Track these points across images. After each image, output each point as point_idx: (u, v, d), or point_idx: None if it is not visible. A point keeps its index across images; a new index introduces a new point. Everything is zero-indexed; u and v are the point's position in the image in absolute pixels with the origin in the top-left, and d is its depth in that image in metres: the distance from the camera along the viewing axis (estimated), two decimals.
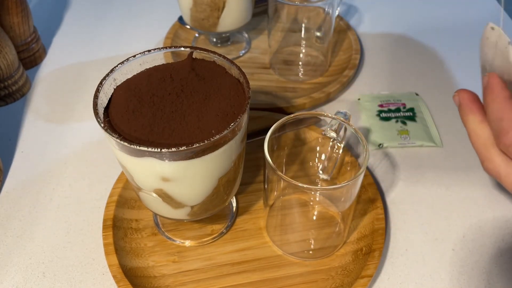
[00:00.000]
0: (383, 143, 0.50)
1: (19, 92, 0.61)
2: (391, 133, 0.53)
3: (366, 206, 0.47)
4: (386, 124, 0.53)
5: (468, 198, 0.50)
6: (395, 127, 0.52)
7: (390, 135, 0.53)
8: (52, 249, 0.46)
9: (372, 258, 0.43)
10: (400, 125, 0.51)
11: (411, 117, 0.54)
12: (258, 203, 0.49)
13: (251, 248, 0.45)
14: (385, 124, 0.53)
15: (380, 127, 0.55)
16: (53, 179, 0.52)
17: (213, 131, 0.34)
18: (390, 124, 0.52)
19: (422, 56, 0.67)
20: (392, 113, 0.53)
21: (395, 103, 0.56)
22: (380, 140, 0.52)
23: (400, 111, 0.53)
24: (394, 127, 0.52)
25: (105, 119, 0.35)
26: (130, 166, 0.37)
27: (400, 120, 0.51)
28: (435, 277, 0.43)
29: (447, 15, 0.74)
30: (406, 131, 0.48)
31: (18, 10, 0.61)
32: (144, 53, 0.39)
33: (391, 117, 0.53)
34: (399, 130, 0.49)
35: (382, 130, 0.54)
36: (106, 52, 0.69)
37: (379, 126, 0.55)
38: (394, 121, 0.52)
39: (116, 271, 0.42)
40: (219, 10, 0.59)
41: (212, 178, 0.37)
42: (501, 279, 0.43)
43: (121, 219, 0.47)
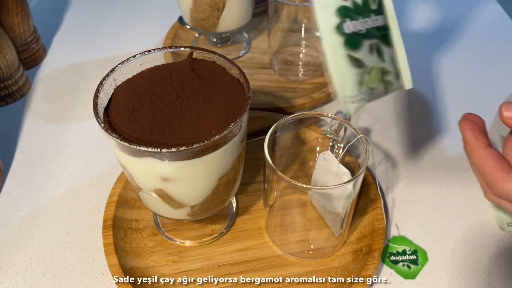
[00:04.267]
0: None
1: (19, 92, 0.61)
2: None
3: (366, 206, 0.47)
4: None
5: (468, 198, 0.50)
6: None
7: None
8: (52, 249, 0.46)
9: (372, 258, 0.43)
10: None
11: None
12: (258, 203, 0.49)
13: (251, 248, 0.45)
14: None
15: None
16: (53, 179, 0.52)
17: (213, 131, 0.34)
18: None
19: (422, 56, 0.67)
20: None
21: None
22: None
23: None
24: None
25: (105, 119, 0.35)
26: (130, 166, 0.37)
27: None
28: (435, 277, 0.43)
29: (447, 15, 0.74)
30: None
31: (18, 10, 0.61)
32: (144, 53, 0.39)
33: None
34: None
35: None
36: (106, 52, 0.69)
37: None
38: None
39: (116, 271, 0.42)
40: (219, 10, 0.59)
41: (212, 178, 0.37)
42: (501, 279, 0.43)
43: (121, 219, 0.47)
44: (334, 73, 0.29)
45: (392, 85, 0.30)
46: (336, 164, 0.42)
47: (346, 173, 0.41)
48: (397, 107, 0.60)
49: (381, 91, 0.30)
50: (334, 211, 0.42)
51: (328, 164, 0.43)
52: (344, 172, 0.41)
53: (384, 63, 0.30)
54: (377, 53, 0.30)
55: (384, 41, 0.30)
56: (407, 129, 0.57)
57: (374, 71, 0.30)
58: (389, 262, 0.44)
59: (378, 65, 0.30)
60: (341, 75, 0.29)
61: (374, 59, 0.30)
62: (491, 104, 0.61)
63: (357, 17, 0.29)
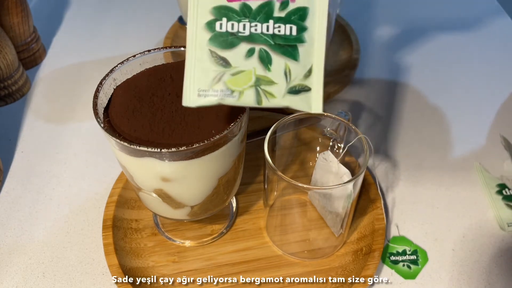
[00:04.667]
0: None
1: (19, 92, 0.61)
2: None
3: (366, 206, 0.47)
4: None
5: (468, 198, 0.50)
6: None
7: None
8: (52, 249, 0.46)
9: (372, 258, 0.43)
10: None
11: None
12: (258, 203, 0.49)
13: (251, 248, 0.45)
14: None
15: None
16: (53, 179, 0.52)
17: (213, 131, 0.33)
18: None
19: (422, 56, 0.67)
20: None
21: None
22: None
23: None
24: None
25: (105, 119, 0.35)
26: (130, 166, 0.36)
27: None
28: (435, 277, 0.43)
29: (447, 15, 0.74)
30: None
31: (18, 10, 0.61)
32: (144, 53, 0.39)
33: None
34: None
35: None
36: (106, 52, 0.69)
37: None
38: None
39: (116, 271, 0.42)
40: None
41: (212, 178, 0.37)
42: (501, 279, 0.43)
43: (121, 219, 0.46)
44: (189, 63, 0.29)
45: (273, 98, 0.29)
46: (336, 164, 0.42)
47: (346, 173, 0.41)
48: (397, 107, 0.60)
49: (248, 98, 0.29)
50: (334, 211, 0.42)
51: (328, 164, 0.43)
52: (344, 172, 0.41)
53: (268, 72, 0.29)
54: (260, 59, 0.28)
55: (280, 51, 0.28)
56: (407, 129, 0.57)
57: (244, 74, 0.29)
58: (389, 262, 0.44)
59: (254, 71, 0.29)
60: (196, 67, 0.29)
61: (249, 64, 0.29)
62: (491, 104, 0.61)
63: (239, 19, 0.28)
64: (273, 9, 0.29)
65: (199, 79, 0.29)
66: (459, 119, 0.58)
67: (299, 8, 0.29)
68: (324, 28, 0.29)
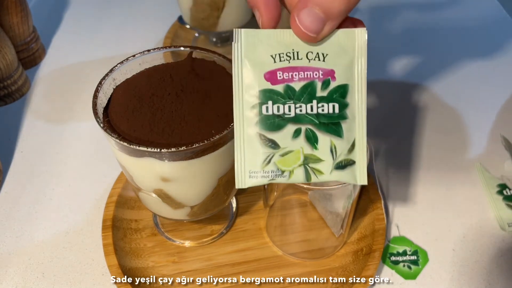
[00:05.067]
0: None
1: (18, 92, 0.61)
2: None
3: (367, 206, 0.47)
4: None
5: (468, 198, 0.50)
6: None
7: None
8: (52, 250, 0.46)
9: (373, 259, 0.42)
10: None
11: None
12: (258, 203, 0.49)
13: (251, 249, 0.45)
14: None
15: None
16: (52, 179, 0.52)
17: (213, 131, 0.33)
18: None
19: (422, 55, 0.67)
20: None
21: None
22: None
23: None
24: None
25: (104, 119, 0.35)
26: (129, 166, 0.36)
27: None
28: (435, 277, 0.43)
29: (447, 15, 0.74)
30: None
31: (17, 10, 0.61)
32: (143, 53, 0.39)
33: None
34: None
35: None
36: (105, 52, 0.69)
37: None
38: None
39: (116, 272, 0.42)
40: (219, 9, 0.59)
41: (212, 178, 0.37)
42: (501, 279, 0.43)
43: (121, 219, 0.46)
44: (238, 146, 0.29)
45: (322, 174, 0.30)
46: None
47: None
48: (397, 107, 0.60)
49: (298, 177, 0.29)
50: (334, 212, 0.42)
51: None
52: None
53: (315, 151, 0.29)
54: (306, 139, 0.29)
55: (325, 129, 0.29)
56: (408, 129, 0.57)
57: (293, 154, 0.29)
58: (390, 262, 0.44)
59: (302, 150, 0.29)
60: (246, 150, 0.29)
61: (297, 144, 0.29)
62: (491, 104, 0.61)
63: (284, 101, 0.29)
64: (315, 89, 0.29)
65: (249, 162, 0.29)
66: (460, 119, 0.58)
67: (340, 86, 0.30)
68: (363, 103, 0.30)
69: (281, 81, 0.29)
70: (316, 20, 0.28)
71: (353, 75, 0.30)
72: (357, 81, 0.30)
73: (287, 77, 0.29)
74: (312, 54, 0.29)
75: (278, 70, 0.29)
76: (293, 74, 0.29)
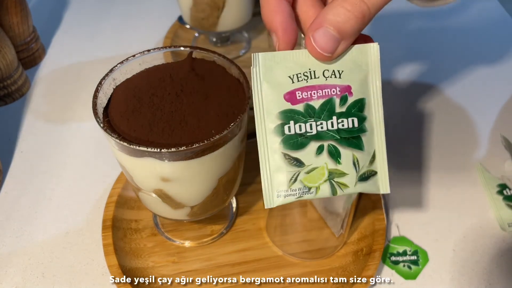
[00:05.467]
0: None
1: (18, 92, 0.61)
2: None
3: (367, 206, 0.47)
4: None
5: (468, 198, 0.50)
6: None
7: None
8: (52, 250, 0.46)
9: (373, 259, 0.42)
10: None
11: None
12: (258, 203, 0.49)
13: (251, 249, 0.45)
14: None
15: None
16: (52, 179, 0.52)
17: (213, 131, 0.33)
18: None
19: (422, 55, 0.67)
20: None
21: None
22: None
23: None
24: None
25: (104, 119, 0.35)
26: (129, 166, 0.36)
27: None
28: (435, 278, 0.43)
29: (448, 15, 0.74)
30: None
31: (17, 9, 0.61)
32: (143, 53, 0.39)
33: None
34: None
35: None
36: (105, 52, 0.69)
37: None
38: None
39: (116, 272, 0.42)
40: (219, 9, 0.59)
41: (212, 178, 0.37)
42: (501, 280, 0.43)
43: (121, 219, 0.46)
44: (264, 167, 0.30)
45: (346, 187, 0.31)
46: None
47: None
48: (397, 107, 0.60)
49: (324, 192, 0.30)
50: (334, 212, 0.42)
51: None
52: None
53: (338, 165, 0.30)
54: (329, 154, 0.30)
55: (346, 144, 0.30)
56: (408, 129, 0.57)
57: (317, 170, 0.30)
58: (390, 262, 0.44)
59: (326, 165, 0.30)
60: (271, 170, 0.30)
61: (321, 160, 0.30)
62: (491, 104, 0.61)
63: (305, 120, 0.30)
64: (334, 106, 0.30)
65: (276, 182, 0.30)
66: (460, 119, 0.58)
67: (357, 100, 0.30)
68: (381, 115, 0.31)
69: (301, 100, 0.30)
70: (330, 40, 0.28)
71: (369, 89, 0.31)
72: (372, 94, 0.31)
73: (306, 96, 0.30)
74: (329, 72, 0.30)
75: (297, 90, 0.30)
76: (312, 93, 0.30)
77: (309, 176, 0.30)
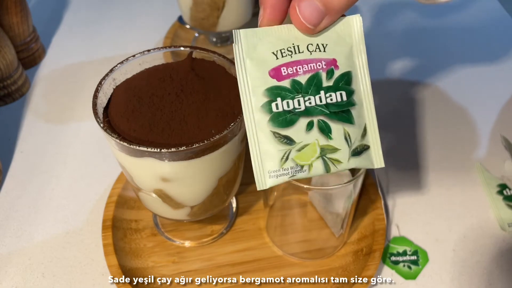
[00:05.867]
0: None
1: (18, 92, 0.61)
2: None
3: (367, 206, 0.47)
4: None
5: (468, 198, 0.50)
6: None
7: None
8: (52, 250, 0.46)
9: (373, 259, 0.42)
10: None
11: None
12: (258, 203, 0.49)
13: (251, 249, 0.45)
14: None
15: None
16: (52, 179, 0.52)
17: (213, 131, 0.33)
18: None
19: (422, 55, 0.67)
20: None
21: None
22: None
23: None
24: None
25: (104, 119, 0.35)
26: (129, 166, 0.36)
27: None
28: (435, 278, 0.43)
29: (448, 15, 0.74)
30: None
31: (17, 9, 0.61)
32: (143, 53, 0.39)
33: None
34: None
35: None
36: (105, 52, 0.69)
37: None
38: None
39: (116, 272, 0.42)
40: (219, 9, 0.59)
41: (212, 178, 0.37)
42: (502, 280, 0.43)
43: (121, 219, 0.46)
44: (253, 148, 0.29)
45: (340, 163, 0.30)
46: None
47: (347, 173, 0.41)
48: (397, 107, 0.60)
49: (317, 169, 0.30)
50: (334, 212, 0.42)
51: None
52: (344, 173, 0.41)
53: (330, 141, 0.30)
54: (320, 130, 0.29)
55: (336, 118, 0.29)
56: (408, 129, 0.57)
57: (309, 147, 0.29)
58: (390, 262, 0.44)
59: (317, 142, 0.29)
60: (261, 150, 0.29)
61: (311, 136, 0.29)
62: (491, 103, 0.61)
63: (293, 96, 0.29)
64: (321, 80, 0.29)
65: (267, 162, 0.29)
66: (460, 119, 0.58)
67: (344, 73, 0.30)
68: (369, 88, 0.31)
69: (287, 76, 0.29)
70: (315, 12, 0.28)
71: (355, 62, 0.30)
72: (359, 67, 0.30)
73: (292, 71, 0.29)
74: (313, 46, 0.29)
75: (282, 66, 0.29)
76: (297, 68, 0.29)
77: (300, 153, 0.29)
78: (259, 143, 0.29)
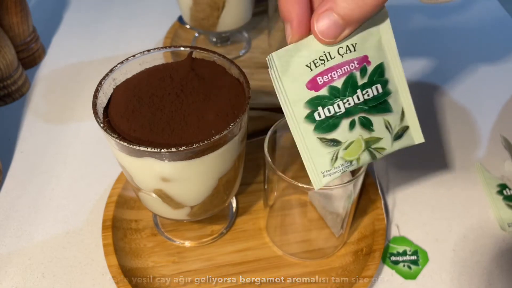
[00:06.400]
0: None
1: (18, 92, 0.61)
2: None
3: (367, 206, 0.47)
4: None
5: (469, 198, 0.50)
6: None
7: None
8: (52, 250, 0.46)
9: (373, 259, 0.42)
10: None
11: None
12: (258, 203, 0.49)
13: (251, 249, 0.45)
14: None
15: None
16: (52, 179, 0.52)
17: (213, 131, 0.33)
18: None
19: (422, 55, 0.67)
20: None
21: None
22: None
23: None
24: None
25: (104, 119, 0.35)
26: (129, 166, 0.36)
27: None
28: (435, 278, 0.43)
29: (448, 15, 0.74)
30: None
31: (17, 9, 0.61)
32: (143, 53, 0.39)
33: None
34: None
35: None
36: (105, 52, 0.69)
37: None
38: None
39: (116, 272, 0.42)
40: (219, 9, 0.59)
41: (212, 178, 0.37)
42: (502, 280, 0.43)
43: (121, 219, 0.46)
44: (304, 154, 0.31)
45: (384, 150, 0.32)
46: None
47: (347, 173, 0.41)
48: None
49: (364, 160, 0.31)
50: (334, 212, 0.42)
51: None
52: None
53: (373, 133, 0.31)
54: (362, 126, 0.31)
55: (375, 111, 0.31)
56: None
57: (354, 144, 0.31)
58: (390, 262, 0.44)
59: (361, 137, 0.31)
60: (312, 156, 0.31)
61: (355, 134, 0.31)
62: (491, 104, 0.61)
63: (332, 102, 0.30)
64: (356, 80, 0.30)
65: (319, 165, 0.31)
66: (460, 119, 0.58)
67: (376, 67, 0.31)
68: (401, 71, 0.32)
69: (323, 84, 0.30)
70: (333, 26, 0.28)
71: (384, 51, 0.31)
72: (389, 55, 0.31)
73: (327, 79, 0.30)
74: (343, 49, 0.30)
75: (317, 76, 0.30)
76: (332, 74, 0.30)
77: (348, 151, 0.31)
78: (308, 150, 0.31)
